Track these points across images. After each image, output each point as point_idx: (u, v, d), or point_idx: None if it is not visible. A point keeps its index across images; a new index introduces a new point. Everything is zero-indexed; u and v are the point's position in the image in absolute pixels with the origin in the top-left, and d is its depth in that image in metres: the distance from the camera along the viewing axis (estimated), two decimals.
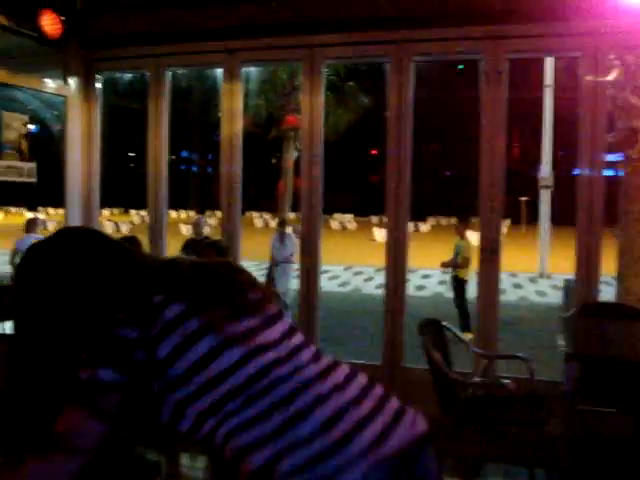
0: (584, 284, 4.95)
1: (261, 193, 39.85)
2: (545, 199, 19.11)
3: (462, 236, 10.56)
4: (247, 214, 39.99)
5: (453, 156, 39.72)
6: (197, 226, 9.70)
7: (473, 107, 5.97)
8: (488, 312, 5.02)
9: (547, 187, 18.79)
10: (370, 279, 17.77)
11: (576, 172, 5.07)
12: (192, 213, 38.68)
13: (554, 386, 4.34)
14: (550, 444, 3.69)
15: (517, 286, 17.41)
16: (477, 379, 4.09)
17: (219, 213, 5.87)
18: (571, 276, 14.28)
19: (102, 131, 6.16)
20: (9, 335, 4.02)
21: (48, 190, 6.75)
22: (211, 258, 5.04)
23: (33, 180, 5.53)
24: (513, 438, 3.81)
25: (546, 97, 18.33)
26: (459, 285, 10.24)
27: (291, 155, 20.03)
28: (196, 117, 29.27)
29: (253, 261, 14.09)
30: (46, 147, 6.03)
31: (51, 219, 36.86)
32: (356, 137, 31.01)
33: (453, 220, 41.46)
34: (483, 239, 5.08)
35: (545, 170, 18.70)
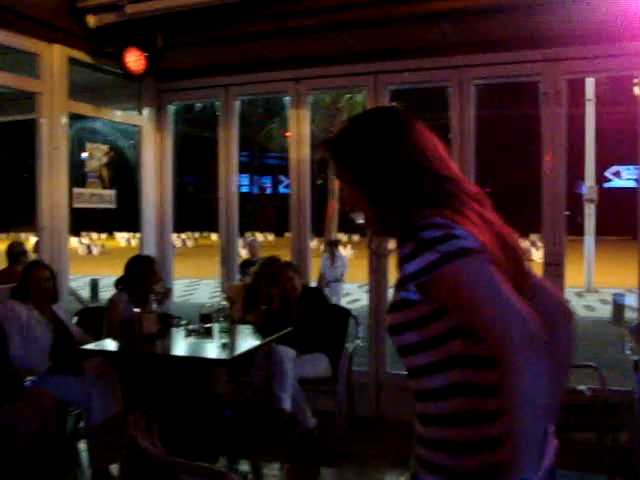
0: None
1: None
2: (589, 213, 19.05)
3: None
4: (287, 235, 40.36)
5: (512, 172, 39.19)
6: (252, 247, 10.03)
7: (529, 125, 6.13)
8: None
9: (591, 201, 18.76)
10: None
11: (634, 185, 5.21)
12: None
13: (623, 394, 4.47)
14: (626, 451, 3.83)
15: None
16: None
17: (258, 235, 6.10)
18: (619, 290, 14.16)
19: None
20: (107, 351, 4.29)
21: (121, 215, 7.07)
22: (289, 277, 5.32)
23: (113, 206, 5.86)
24: (590, 445, 3.94)
25: (588, 111, 18.34)
26: None
27: None
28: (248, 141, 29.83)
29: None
30: (122, 174, 6.35)
31: (95, 244, 37.85)
32: None
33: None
34: (547, 254, 5.25)
35: (588, 184, 18.68)
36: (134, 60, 5.03)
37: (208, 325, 4.52)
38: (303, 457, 4.86)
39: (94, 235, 44.50)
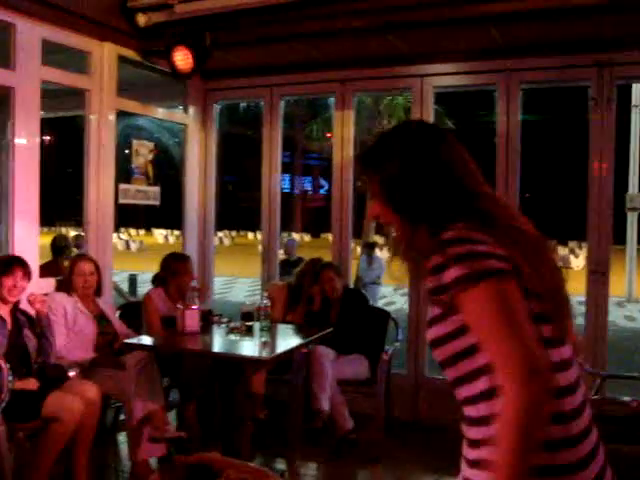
0: None
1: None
2: (632, 221, 18.72)
3: None
4: (322, 235, 40.43)
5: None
6: (289, 247, 10.07)
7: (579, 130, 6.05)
8: (598, 333, 5.11)
9: (635, 209, 18.43)
10: None
11: None
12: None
13: None
14: None
15: None
16: (594, 397, 4.18)
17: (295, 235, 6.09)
18: None
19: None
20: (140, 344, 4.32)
21: (161, 211, 7.15)
22: (330, 278, 5.33)
23: (157, 203, 5.93)
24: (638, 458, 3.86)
25: (635, 117, 18.01)
26: None
27: None
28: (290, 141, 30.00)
29: None
30: (165, 171, 6.42)
31: (133, 240, 38.36)
32: None
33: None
34: (592, 261, 5.17)
35: (632, 192, 18.35)
36: (182, 59, 5.07)
37: (249, 323, 4.55)
38: (340, 458, 4.86)
39: (132, 231, 45.07)
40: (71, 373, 4.35)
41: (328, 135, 18.29)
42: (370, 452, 4.89)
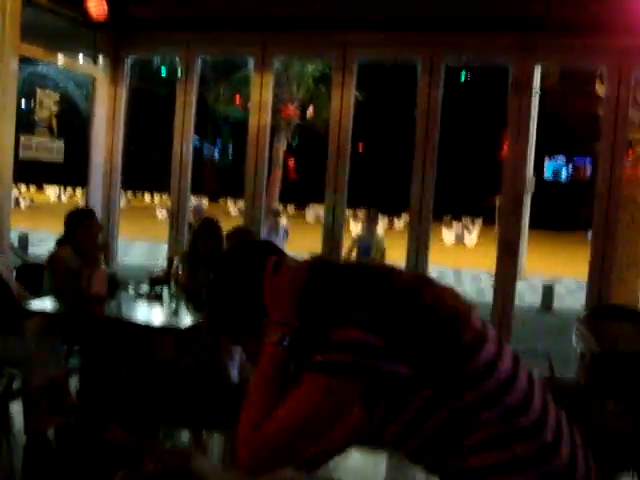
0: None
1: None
2: (525, 203, 19.46)
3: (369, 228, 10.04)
4: (221, 201, 40.06)
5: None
6: (198, 212, 9.80)
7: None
8: (505, 313, 5.26)
9: (527, 192, 19.17)
10: None
11: None
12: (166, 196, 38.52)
13: (569, 381, 4.54)
14: None
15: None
16: None
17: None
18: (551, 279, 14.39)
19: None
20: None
21: (59, 167, 6.75)
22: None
23: (60, 160, 5.58)
24: None
25: (534, 102, 18.61)
26: None
27: (282, 145, 20.29)
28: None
29: None
30: (73, 126, 6.05)
31: (23, 196, 36.54)
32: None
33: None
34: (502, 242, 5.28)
35: (528, 175, 19.07)
36: (95, 5, 4.75)
37: (158, 289, 4.36)
38: None
39: (22, 187, 42.92)
40: None
41: (237, 100, 17.90)
42: None
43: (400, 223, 37.34)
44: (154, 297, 4.29)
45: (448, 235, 28.46)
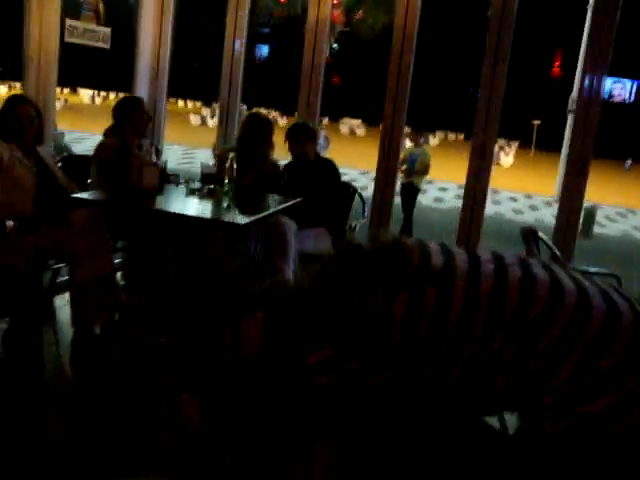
0: None
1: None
2: (570, 123, 18.81)
3: (417, 144, 10.39)
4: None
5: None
6: None
7: None
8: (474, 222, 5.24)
9: (571, 111, 18.47)
10: None
11: None
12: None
13: None
14: None
15: (533, 208, 17.48)
16: None
17: None
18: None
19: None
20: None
21: (92, 71, 6.41)
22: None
23: (107, 46, 5.29)
24: None
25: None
26: (413, 193, 10.08)
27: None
28: None
29: None
30: (120, 14, 5.75)
31: (57, 97, 36.21)
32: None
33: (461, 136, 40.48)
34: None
35: (574, 94, 18.36)
36: None
37: (211, 186, 4.15)
38: None
39: (57, 89, 42.56)
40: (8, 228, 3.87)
41: None
42: None
43: (435, 140, 36.68)
44: (207, 193, 4.08)
45: None
